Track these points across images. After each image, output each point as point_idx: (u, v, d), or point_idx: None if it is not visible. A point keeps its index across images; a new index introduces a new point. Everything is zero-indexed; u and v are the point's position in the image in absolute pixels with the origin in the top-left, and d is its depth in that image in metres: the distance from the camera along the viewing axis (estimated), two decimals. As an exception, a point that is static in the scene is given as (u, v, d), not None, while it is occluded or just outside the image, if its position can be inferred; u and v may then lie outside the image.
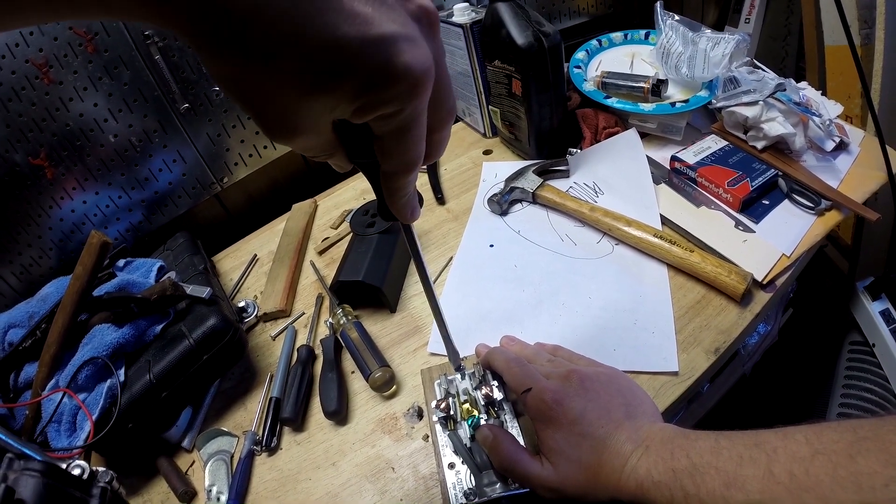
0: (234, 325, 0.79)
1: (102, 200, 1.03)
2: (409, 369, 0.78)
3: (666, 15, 1.04)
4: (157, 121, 1.01)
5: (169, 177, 1.08)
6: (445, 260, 0.93)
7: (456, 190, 1.09)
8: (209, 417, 0.80)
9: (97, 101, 0.95)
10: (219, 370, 0.80)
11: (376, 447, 0.71)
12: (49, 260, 1.03)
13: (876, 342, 1.16)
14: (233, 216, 1.23)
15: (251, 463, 0.72)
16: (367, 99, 0.29)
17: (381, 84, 0.28)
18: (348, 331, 0.80)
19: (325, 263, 1.01)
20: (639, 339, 0.73)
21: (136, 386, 0.72)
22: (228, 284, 1.03)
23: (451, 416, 0.64)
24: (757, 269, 0.77)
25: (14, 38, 0.85)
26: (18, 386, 0.79)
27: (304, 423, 0.76)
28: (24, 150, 0.92)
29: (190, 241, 1.02)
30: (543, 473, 0.54)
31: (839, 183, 0.90)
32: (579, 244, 0.89)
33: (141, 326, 0.78)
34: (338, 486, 0.68)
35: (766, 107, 0.91)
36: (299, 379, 0.77)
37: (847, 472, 0.36)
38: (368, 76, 0.28)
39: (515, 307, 0.82)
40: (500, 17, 0.93)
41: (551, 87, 0.96)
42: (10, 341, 0.82)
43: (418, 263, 0.53)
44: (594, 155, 1.03)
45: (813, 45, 1.37)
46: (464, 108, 1.24)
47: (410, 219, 0.42)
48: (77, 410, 0.71)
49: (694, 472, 0.44)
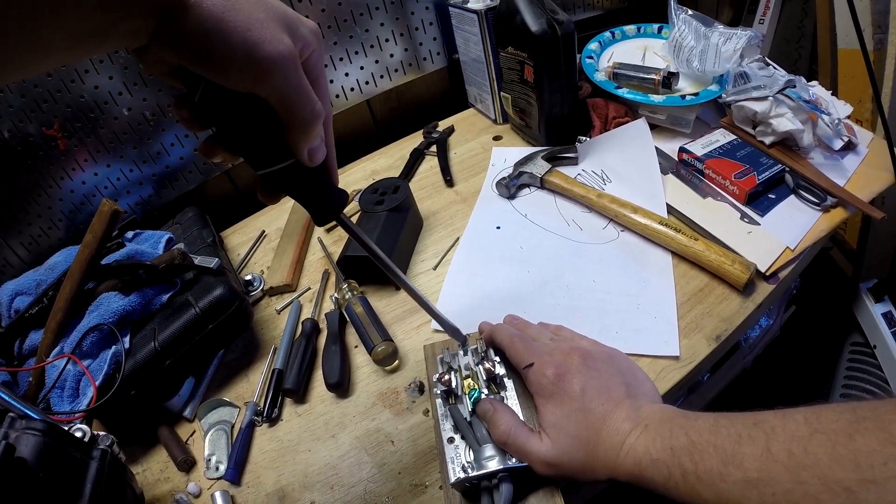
0: (241, 295, 0.79)
1: (113, 173, 1.04)
2: (413, 345, 0.79)
3: (679, 9, 1.04)
4: (171, 95, 1.02)
5: (181, 152, 1.09)
6: (452, 240, 0.94)
7: (465, 173, 1.10)
8: (211, 388, 0.81)
9: (112, 74, 0.95)
10: (223, 341, 0.81)
11: (376, 420, 0.71)
12: (58, 231, 1.04)
13: (877, 344, 1.16)
14: (242, 193, 1.23)
15: (251, 433, 0.73)
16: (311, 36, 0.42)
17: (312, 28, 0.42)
18: (353, 305, 0.81)
19: (333, 241, 1.01)
20: (641, 322, 0.74)
21: (141, 353, 0.73)
22: (236, 259, 1.03)
23: (453, 391, 0.64)
24: (761, 261, 0.78)
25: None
26: (23, 353, 0.79)
27: (306, 395, 0.76)
28: (37, 121, 0.93)
29: (199, 215, 1.03)
30: (542, 448, 0.54)
31: (846, 181, 0.89)
32: (585, 229, 0.90)
33: (148, 295, 0.78)
34: (336, 458, 0.68)
35: (775, 103, 0.91)
36: (303, 351, 0.78)
37: (846, 451, 0.36)
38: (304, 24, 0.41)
39: (520, 288, 0.82)
40: (514, 4, 0.93)
41: (563, 75, 0.97)
42: (17, 308, 0.83)
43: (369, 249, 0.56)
44: (603, 143, 1.03)
45: (826, 47, 1.37)
46: (476, 94, 1.25)
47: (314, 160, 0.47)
48: (81, 377, 0.72)
49: (692, 450, 0.45)
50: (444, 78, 1.33)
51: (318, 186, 0.47)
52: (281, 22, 0.38)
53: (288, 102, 0.39)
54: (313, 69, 0.43)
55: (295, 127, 0.41)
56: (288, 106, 0.39)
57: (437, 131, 1.22)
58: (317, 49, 0.42)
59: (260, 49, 0.36)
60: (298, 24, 0.40)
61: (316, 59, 0.43)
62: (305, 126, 0.41)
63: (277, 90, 0.38)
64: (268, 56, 0.36)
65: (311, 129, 0.42)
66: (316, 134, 0.43)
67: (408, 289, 0.60)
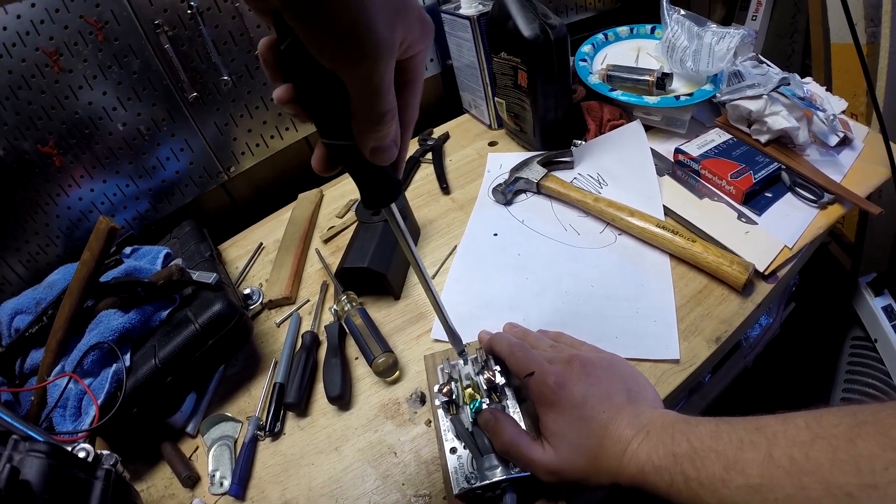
0: (240, 310, 0.79)
1: (110, 189, 1.04)
2: (413, 355, 0.79)
3: (672, 9, 1.04)
4: (165, 110, 1.02)
5: (176, 165, 1.09)
6: (450, 248, 0.94)
7: (461, 180, 1.10)
8: (213, 403, 0.81)
9: (106, 90, 0.95)
10: (224, 356, 0.81)
11: (379, 432, 0.71)
12: (56, 248, 1.04)
13: (878, 337, 1.16)
14: (239, 205, 1.23)
15: (254, 448, 0.73)
16: (421, 31, 0.38)
17: (424, 25, 0.39)
18: (352, 317, 0.81)
19: (331, 252, 1.01)
20: (640, 327, 0.74)
21: (142, 371, 0.73)
22: (234, 272, 1.03)
23: (454, 401, 0.65)
24: (759, 260, 0.78)
25: (25, 27, 0.86)
26: (25, 372, 0.79)
27: (308, 409, 0.76)
28: (32, 138, 0.93)
29: (196, 229, 1.03)
30: (544, 457, 0.54)
31: (842, 177, 0.90)
32: (582, 234, 0.90)
33: (147, 312, 0.78)
34: (340, 471, 0.68)
35: (770, 101, 0.91)
36: (303, 364, 0.78)
37: (847, 456, 0.36)
38: (419, 17, 0.38)
39: (518, 294, 0.82)
40: (506, 9, 0.93)
41: (557, 80, 0.97)
42: (17, 327, 0.83)
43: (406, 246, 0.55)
44: (598, 146, 1.03)
45: (819, 43, 1.37)
46: (470, 99, 1.25)
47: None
48: (82, 395, 0.72)
49: (694, 457, 0.45)
50: (439, 84, 1.33)
51: (376, 174, 0.45)
52: (395, 11, 0.35)
53: (362, 97, 0.37)
54: (413, 70, 0.41)
55: (361, 122, 0.39)
56: (361, 101, 0.37)
57: (432, 138, 1.22)
58: (423, 50, 0.40)
59: (361, 34, 0.32)
60: (412, 19, 0.37)
61: (419, 61, 0.41)
62: (371, 126, 0.39)
63: (357, 82, 0.36)
64: (363, 46, 0.33)
65: (377, 130, 0.39)
66: (384, 135, 0.40)
67: (428, 290, 0.59)
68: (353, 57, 0.33)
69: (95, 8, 0.89)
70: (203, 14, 0.97)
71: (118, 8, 0.90)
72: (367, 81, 0.35)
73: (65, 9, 0.87)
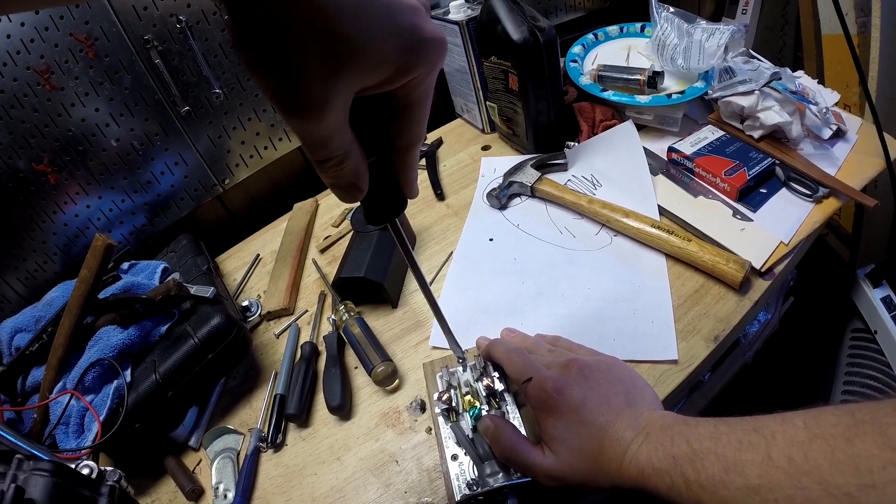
0: (238, 323, 0.80)
1: (105, 204, 1.04)
2: (412, 363, 0.79)
3: (661, 7, 1.04)
4: (158, 124, 1.02)
5: (171, 179, 1.09)
6: (446, 255, 0.94)
7: (455, 186, 1.10)
8: (215, 416, 0.81)
9: (98, 106, 0.95)
10: (224, 369, 0.81)
11: (380, 441, 0.71)
12: (54, 265, 1.04)
13: (878, 329, 1.16)
14: (235, 217, 1.24)
15: (257, 460, 0.73)
16: (406, 60, 0.32)
17: (417, 46, 0.32)
18: (351, 327, 0.81)
19: (327, 261, 1.02)
20: (638, 328, 0.74)
21: (143, 386, 0.73)
22: (232, 284, 1.03)
23: (454, 408, 0.65)
24: (755, 257, 0.78)
25: (15, 46, 0.86)
26: (26, 390, 0.80)
27: (309, 419, 0.76)
28: (27, 157, 0.93)
29: (193, 242, 1.03)
30: (545, 462, 0.54)
31: (837, 170, 0.90)
32: (578, 236, 0.90)
33: (146, 327, 0.78)
34: (343, 481, 0.68)
35: (762, 96, 0.91)
36: (303, 375, 0.78)
37: (845, 456, 0.36)
38: (407, 37, 0.31)
39: (515, 299, 0.82)
40: (495, 13, 0.93)
41: (548, 82, 0.97)
42: (17, 346, 0.83)
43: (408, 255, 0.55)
44: (591, 148, 1.03)
45: (810, 34, 1.37)
46: (461, 104, 1.25)
47: (416, 194, 0.44)
48: (84, 412, 0.72)
49: (694, 458, 0.45)
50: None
51: (378, 193, 0.42)
52: (348, 54, 0.30)
53: (303, 144, 0.34)
54: (404, 97, 0.36)
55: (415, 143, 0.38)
56: (304, 146, 0.35)
57: (425, 144, 1.22)
58: (419, 76, 0.35)
59: (287, 93, 0.30)
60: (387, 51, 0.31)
61: (411, 87, 0.36)
62: (318, 168, 0.36)
63: (294, 131, 0.33)
64: (289, 106, 0.30)
65: (324, 173, 0.36)
66: (333, 178, 0.37)
67: (430, 299, 0.59)
68: (282, 113, 0.31)
69: (85, 25, 0.89)
70: (192, 28, 0.97)
71: (107, 24, 0.90)
72: (299, 133, 0.33)
73: (54, 27, 0.87)
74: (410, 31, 0.31)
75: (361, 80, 0.31)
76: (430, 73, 0.34)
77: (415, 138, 0.39)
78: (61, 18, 0.87)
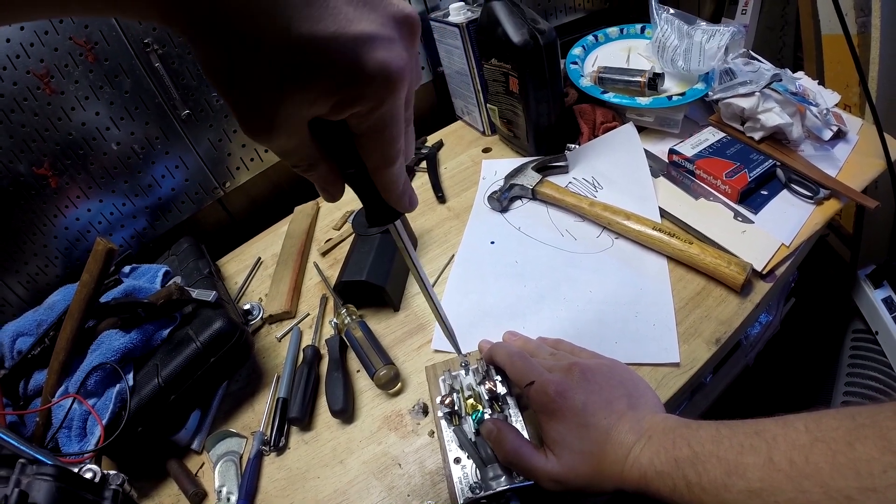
0: (240, 326, 0.80)
1: (106, 208, 1.04)
2: (414, 366, 0.79)
3: (661, 8, 1.04)
4: (158, 127, 1.02)
5: (172, 183, 1.09)
6: (447, 258, 0.94)
7: (456, 188, 1.10)
8: (217, 419, 0.81)
9: (99, 110, 0.95)
10: (226, 372, 0.81)
11: (383, 444, 0.71)
12: (55, 268, 1.04)
13: (879, 330, 1.16)
14: (236, 220, 1.24)
15: (260, 463, 0.73)
16: (343, 95, 0.31)
17: (355, 81, 0.30)
18: (353, 330, 0.81)
19: (329, 264, 1.02)
20: (640, 331, 0.74)
21: (145, 390, 0.73)
22: (233, 288, 1.03)
23: (456, 412, 0.65)
24: (756, 260, 0.78)
25: (15, 50, 0.86)
26: (28, 393, 0.80)
27: (312, 423, 0.76)
28: (27, 161, 0.93)
29: (194, 245, 1.03)
30: (547, 465, 0.54)
31: (838, 171, 0.90)
32: (579, 239, 0.90)
33: (148, 331, 0.78)
34: (346, 484, 0.68)
35: (762, 98, 0.91)
36: (305, 379, 0.78)
37: (846, 459, 0.36)
38: (344, 72, 0.30)
39: (517, 302, 0.82)
40: (495, 16, 0.93)
41: (548, 84, 0.97)
42: (19, 349, 0.83)
43: (410, 259, 0.55)
44: (592, 150, 1.03)
45: (810, 34, 1.37)
46: (462, 106, 1.25)
47: (410, 207, 0.43)
48: (87, 416, 0.72)
49: (696, 461, 0.45)
50: (431, 91, 1.34)
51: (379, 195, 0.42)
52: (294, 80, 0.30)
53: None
54: (354, 127, 0.35)
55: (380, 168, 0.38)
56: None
57: (426, 146, 1.22)
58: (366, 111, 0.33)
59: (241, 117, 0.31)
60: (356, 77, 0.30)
61: (356, 121, 0.34)
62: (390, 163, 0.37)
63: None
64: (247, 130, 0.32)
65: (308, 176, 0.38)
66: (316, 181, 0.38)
67: (431, 302, 0.59)
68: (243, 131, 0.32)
69: (84, 29, 0.89)
70: (193, 31, 0.96)
71: (107, 28, 0.90)
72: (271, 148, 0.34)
73: (54, 31, 0.87)
74: (348, 69, 0.30)
75: (304, 109, 0.31)
76: (375, 108, 0.32)
77: (381, 162, 0.38)
78: (61, 23, 0.87)
